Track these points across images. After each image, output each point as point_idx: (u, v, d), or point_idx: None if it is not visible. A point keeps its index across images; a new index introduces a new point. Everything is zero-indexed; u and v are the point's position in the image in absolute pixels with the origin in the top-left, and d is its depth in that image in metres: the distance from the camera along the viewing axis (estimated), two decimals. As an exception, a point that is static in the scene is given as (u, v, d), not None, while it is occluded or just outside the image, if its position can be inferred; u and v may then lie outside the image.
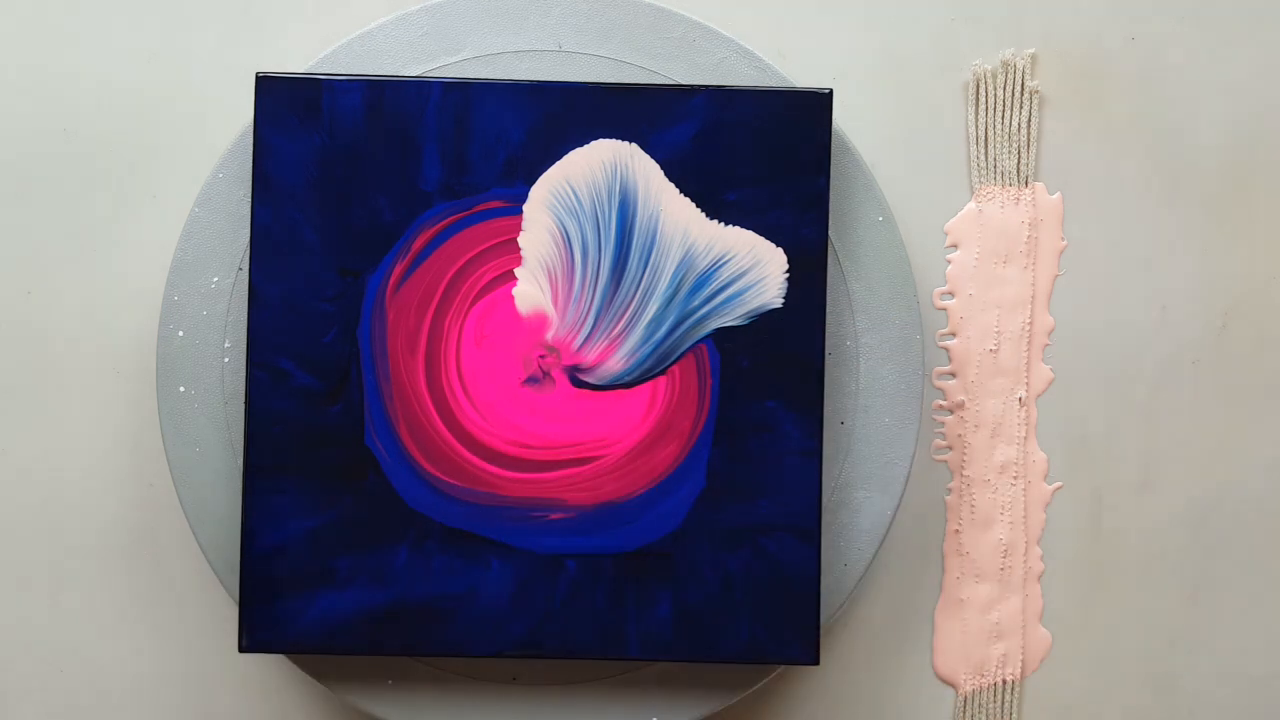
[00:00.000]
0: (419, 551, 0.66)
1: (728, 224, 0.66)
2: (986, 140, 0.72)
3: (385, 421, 0.66)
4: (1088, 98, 0.73)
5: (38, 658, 0.72)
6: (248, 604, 0.66)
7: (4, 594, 0.72)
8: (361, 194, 0.66)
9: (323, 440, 0.66)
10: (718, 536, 0.66)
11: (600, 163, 0.66)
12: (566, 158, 0.66)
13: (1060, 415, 0.72)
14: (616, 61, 0.69)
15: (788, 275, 0.66)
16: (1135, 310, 0.73)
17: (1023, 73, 0.72)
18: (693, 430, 0.66)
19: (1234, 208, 0.73)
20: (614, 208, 0.66)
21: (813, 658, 0.66)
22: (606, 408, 0.67)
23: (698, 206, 0.66)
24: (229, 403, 0.68)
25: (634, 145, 0.66)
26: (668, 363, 0.67)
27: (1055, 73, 0.73)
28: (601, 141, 0.66)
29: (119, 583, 0.72)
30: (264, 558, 0.66)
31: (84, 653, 0.72)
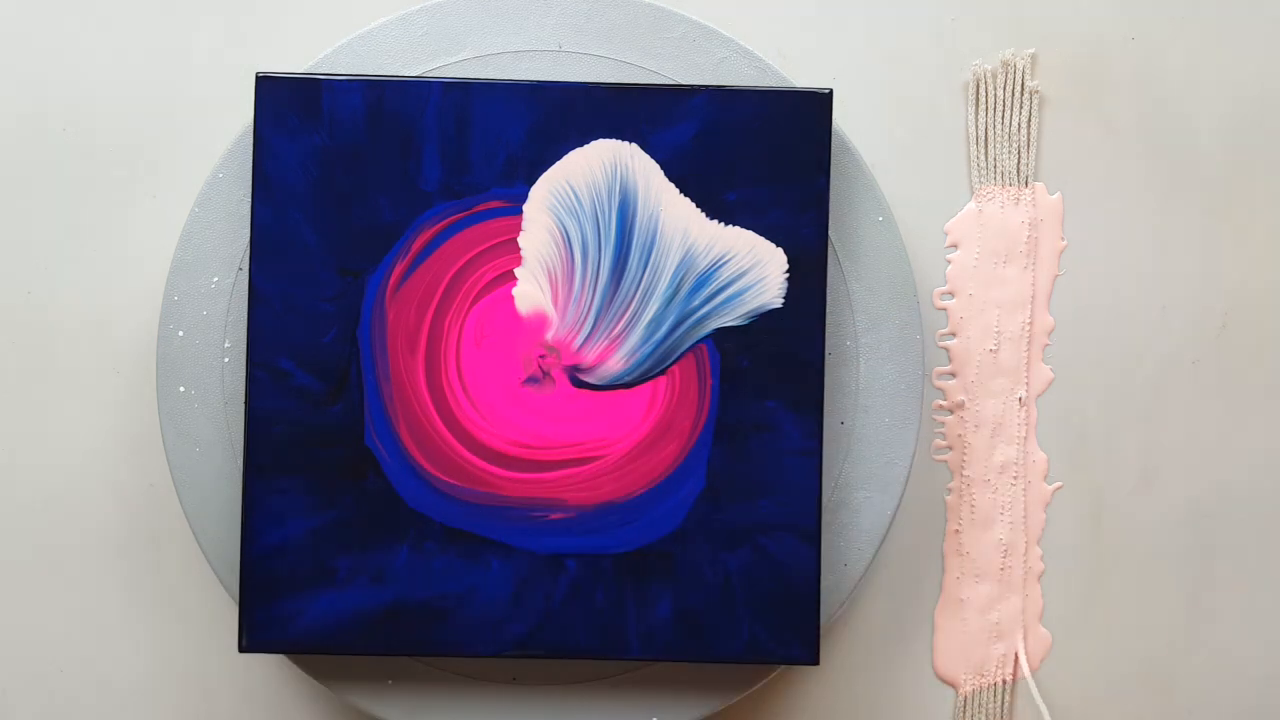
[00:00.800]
0: (419, 551, 0.66)
1: (728, 224, 0.66)
2: (986, 140, 0.72)
3: (385, 421, 0.66)
4: (1088, 98, 0.73)
5: (38, 657, 0.72)
6: (248, 604, 0.66)
7: (4, 594, 0.72)
8: (361, 194, 0.66)
9: (323, 440, 0.66)
10: (718, 536, 0.66)
11: (600, 163, 0.66)
12: (566, 158, 0.66)
13: (1060, 415, 0.72)
14: (616, 62, 0.69)
15: (788, 275, 0.66)
16: (1135, 310, 0.73)
17: (1023, 73, 0.72)
18: (693, 430, 0.66)
19: (1234, 208, 0.73)
20: (614, 208, 0.66)
21: (813, 658, 0.66)
22: (606, 408, 0.67)
23: (698, 206, 0.66)
24: (229, 403, 0.68)
25: (634, 145, 0.66)
26: (668, 363, 0.67)
27: (1055, 73, 0.73)
28: (601, 141, 0.66)
29: (119, 583, 0.72)
30: (264, 558, 0.66)
31: (84, 653, 0.72)
